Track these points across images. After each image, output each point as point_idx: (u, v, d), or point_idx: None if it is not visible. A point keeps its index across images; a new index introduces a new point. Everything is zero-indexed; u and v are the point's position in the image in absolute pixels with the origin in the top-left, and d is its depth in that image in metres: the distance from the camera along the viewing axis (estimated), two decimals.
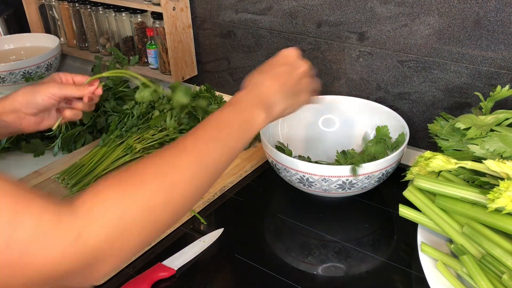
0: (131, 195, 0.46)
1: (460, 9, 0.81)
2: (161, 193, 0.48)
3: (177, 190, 0.49)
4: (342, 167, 0.76)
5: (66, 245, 0.41)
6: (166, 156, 0.51)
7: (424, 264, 0.65)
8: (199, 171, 0.52)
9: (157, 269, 0.71)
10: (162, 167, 0.49)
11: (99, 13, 1.34)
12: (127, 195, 0.46)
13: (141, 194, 0.46)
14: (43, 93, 0.74)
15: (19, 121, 0.75)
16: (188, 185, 0.51)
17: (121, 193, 0.46)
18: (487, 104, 0.76)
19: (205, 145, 0.54)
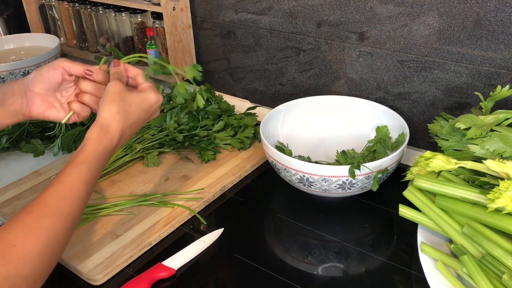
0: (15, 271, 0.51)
1: (460, 9, 0.81)
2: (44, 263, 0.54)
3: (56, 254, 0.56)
4: (342, 167, 0.76)
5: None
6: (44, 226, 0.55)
7: (424, 264, 0.65)
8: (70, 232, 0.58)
9: (157, 269, 0.71)
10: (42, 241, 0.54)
11: (99, 13, 1.34)
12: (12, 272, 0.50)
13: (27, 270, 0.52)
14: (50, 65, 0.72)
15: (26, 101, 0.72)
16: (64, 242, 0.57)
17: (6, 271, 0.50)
18: (487, 104, 0.76)
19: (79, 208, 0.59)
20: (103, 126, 0.64)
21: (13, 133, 1.03)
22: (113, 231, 0.79)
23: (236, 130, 1.02)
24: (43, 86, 0.71)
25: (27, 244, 0.52)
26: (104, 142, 0.63)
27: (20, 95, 0.71)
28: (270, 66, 1.12)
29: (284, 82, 1.11)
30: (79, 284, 0.72)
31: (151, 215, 0.82)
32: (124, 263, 0.74)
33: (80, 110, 0.73)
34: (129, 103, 0.67)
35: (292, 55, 1.06)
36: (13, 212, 0.84)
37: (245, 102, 1.20)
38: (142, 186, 0.90)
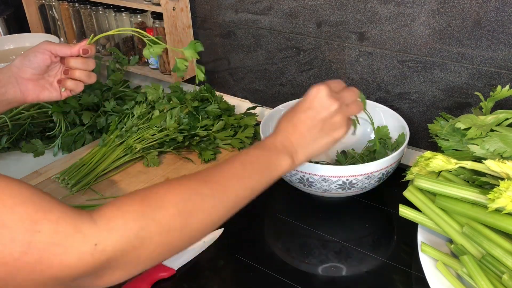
0: (151, 214, 0.48)
1: (460, 9, 0.81)
2: (179, 218, 0.50)
3: (194, 217, 0.51)
4: (342, 167, 0.76)
5: (83, 251, 0.42)
6: (190, 183, 0.53)
7: (424, 264, 0.65)
8: (219, 204, 0.54)
9: (157, 269, 0.71)
10: (184, 194, 0.51)
11: (99, 13, 1.34)
12: (147, 213, 0.47)
13: (161, 215, 0.48)
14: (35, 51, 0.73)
15: (18, 89, 0.74)
16: (206, 215, 0.52)
17: (142, 211, 0.47)
18: (487, 104, 0.76)
19: (228, 180, 0.56)
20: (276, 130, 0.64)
21: (13, 133, 1.03)
22: None
23: (236, 130, 1.02)
24: (33, 71, 0.73)
25: (167, 194, 0.50)
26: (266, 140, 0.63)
27: (12, 84, 0.72)
28: (270, 66, 1.12)
29: (284, 82, 1.11)
30: None
31: None
32: None
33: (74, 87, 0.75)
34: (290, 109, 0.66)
35: (292, 55, 1.06)
36: None
37: (245, 102, 1.20)
38: (142, 186, 0.90)
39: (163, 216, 0.48)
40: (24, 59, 0.73)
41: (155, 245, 0.48)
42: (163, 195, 0.50)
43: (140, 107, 1.02)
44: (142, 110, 1.02)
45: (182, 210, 0.50)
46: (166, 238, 0.48)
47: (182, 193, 0.51)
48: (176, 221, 0.49)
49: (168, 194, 0.50)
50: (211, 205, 0.53)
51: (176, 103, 1.02)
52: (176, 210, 0.49)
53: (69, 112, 1.05)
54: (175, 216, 0.49)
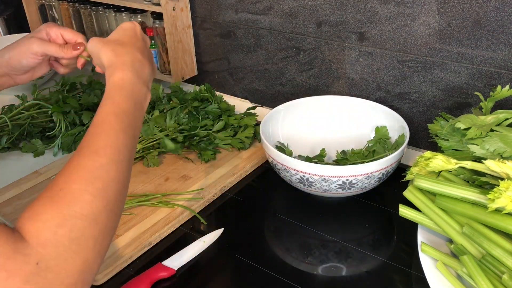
0: (69, 211, 0.46)
1: (460, 9, 0.81)
2: (97, 200, 0.48)
3: (110, 191, 0.50)
4: (342, 167, 0.76)
5: (27, 273, 0.40)
6: (84, 163, 0.51)
7: (424, 264, 0.65)
8: (120, 163, 0.54)
9: (157, 269, 0.71)
10: (86, 175, 0.50)
11: (99, 13, 1.34)
12: (65, 212, 0.46)
13: (78, 208, 0.47)
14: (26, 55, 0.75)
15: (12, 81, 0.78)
16: (117, 180, 0.52)
17: (59, 213, 0.46)
18: (487, 104, 0.76)
19: (116, 139, 0.55)
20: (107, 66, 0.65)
21: (13, 133, 1.03)
22: None
23: (236, 130, 1.02)
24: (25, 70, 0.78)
25: (70, 183, 0.48)
26: (115, 75, 0.63)
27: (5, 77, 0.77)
28: (270, 66, 1.12)
29: (284, 82, 1.11)
30: None
31: (151, 215, 0.82)
32: (124, 263, 0.74)
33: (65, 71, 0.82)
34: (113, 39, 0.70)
35: (292, 55, 1.06)
36: (13, 212, 0.84)
37: (245, 102, 1.20)
38: (142, 186, 0.90)
39: (81, 207, 0.47)
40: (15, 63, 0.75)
41: (92, 237, 0.46)
42: (68, 188, 0.48)
43: None
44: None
45: (94, 192, 0.49)
46: (96, 225, 0.47)
47: (85, 176, 0.50)
48: (96, 204, 0.48)
49: (72, 184, 0.49)
50: (114, 172, 0.52)
51: (176, 103, 1.02)
52: (90, 196, 0.48)
53: (69, 112, 1.05)
54: (92, 201, 0.48)
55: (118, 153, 0.54)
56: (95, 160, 0.52)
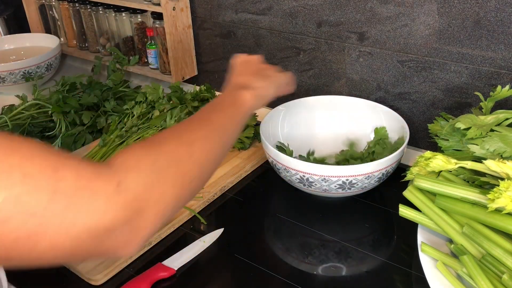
0: (157, 148, 0.51)
1: (460, 9, 0.81)
2: (182, 146, 0.53)
3: (195, 145, 0.55)
4: (342, 167, 0.76)
5: (108, 192, 0.42)
6: (180, 125, 0.58)
7: (424, 264, 0.65)
8: (210, 133, 0.59)
9: (157, 269, 0.71)
10: (178, 130, 0.57)
11: (99, 13, 1.34)
12: (153, 148, 0.51)
13: (166, 147, 0.52)
14: None
15: None
16: (205, 142, 0.57)
17: (148, 149, 0.50)
18: (487, 104, 0.76)
19: (211, 115, 0.62)
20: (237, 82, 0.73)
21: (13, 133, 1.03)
22: None
23: None
24: None
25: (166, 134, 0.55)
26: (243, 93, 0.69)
27: None
28: None
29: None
30: (79, 284, 0.72)
31: None
32: (124, 263, 0.74)
33: None
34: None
35: (292, 55, 1.06)
36: None
37: None
38: None
39: (169, 147, 0.52)
40: None
41: (171, 177, 0.50)
42: (162, 135, 0.54)
43: (140, 107, 1.02)
44: (142, 110, 1.02)
45: (181, 141, 0.54)
46: (178, 168, 0.51)
47: (177, 130, 0.57)
48: (180, 150, 0.53)
49: (166, 133, 0.55)
50: (204, 135, 0.58)
51: (176, 103, 1.02)
52: (178, 141, 0.54)
53: (69, 112, 1.05)
54: (178, 146, 0.53)
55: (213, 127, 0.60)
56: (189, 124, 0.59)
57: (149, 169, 0.47)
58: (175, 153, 0.52)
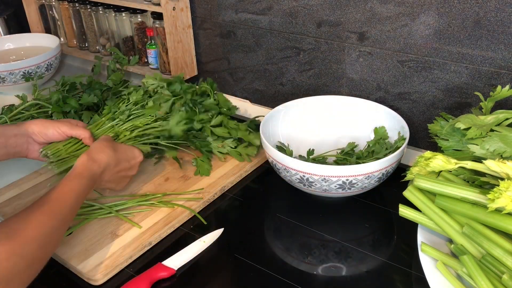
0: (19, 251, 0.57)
1: (460, 9, 0.81)
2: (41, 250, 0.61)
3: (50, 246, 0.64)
4: (342, 167, 0.76)
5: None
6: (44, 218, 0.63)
7: (424, 264, 0.65)
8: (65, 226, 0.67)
9: (157, 269, 0.71)
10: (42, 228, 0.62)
11: (99, 13, 1.34)
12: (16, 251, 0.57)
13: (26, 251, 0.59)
14: (55, 128, 0.87)
15: (26, 145, 0.86)
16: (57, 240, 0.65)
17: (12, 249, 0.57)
18: (487, 104, 0.76)
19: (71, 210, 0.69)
20: (91, 154, 0.77)
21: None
22: (113, 231, 0.79)
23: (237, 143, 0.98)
24: (45, 141, 0.87)
25: (28, 229, 0.59)
26: (91, 167, 0.75)
27: (22, 142, 0.85)
28: (270, 66, 1.12)
29: (284, 82, 1.11)
30: (79, 284, 0.72)
31: (151, 215, 0.82)
32: (124, 263, 0.74)
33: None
34: (117, 146, 0.83)
35: (292, 55, 1.06)
36: (13, 212, 0.84)
37: (245, 102, 1.20)
38: (142, 186, 0.90)
39: (29, 251, 0.58)
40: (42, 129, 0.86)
41: (22, 279, 0.57)
42: (26, 231, 0.59)
43: (137, 93, 1.01)
44: (139, 96, 1.00)
45: (42, 243, 0.60)
46: (31, 270, 0.59)
47: (41, 227, 0.61)
48: (39, 252, 0.60)
49: (30, 230, 0.60)
50: (57, 236, 0.65)
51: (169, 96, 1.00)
52: (38, 244, 0.60)
53: (69, 112, 1.05)
54: (38, 249, 0.59)
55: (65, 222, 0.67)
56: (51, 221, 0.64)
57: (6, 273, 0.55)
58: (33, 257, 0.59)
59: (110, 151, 0.80)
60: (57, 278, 0.73)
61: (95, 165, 0.76)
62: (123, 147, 0.84)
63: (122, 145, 0.84)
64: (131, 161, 0.84)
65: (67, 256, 0.74)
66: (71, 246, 0.76)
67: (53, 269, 0.74)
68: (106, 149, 0.80)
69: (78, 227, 0.79)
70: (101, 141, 0.82)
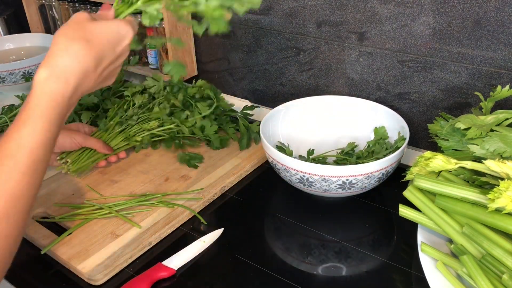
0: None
1: (460, 9, 0.81)
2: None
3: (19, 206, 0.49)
4: (342, 167, 0.76)
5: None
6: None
7: (424, 264, 0.65)
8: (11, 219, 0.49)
9: (157, 269, 0.71)
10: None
11: None
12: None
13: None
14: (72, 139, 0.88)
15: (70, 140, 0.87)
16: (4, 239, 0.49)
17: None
18: (487, 104, 0.76)
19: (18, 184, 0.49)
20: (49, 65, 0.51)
21: None
22: (113, 231, 0.79)
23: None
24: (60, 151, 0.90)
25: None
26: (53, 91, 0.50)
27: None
28: (270, 66, 1.12)
29: (284, 82, 1.11)
30: (79, 284, 0.72)
31: (151, 215, 0.82)
32: (124, 263, 0.74)
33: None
34: (90, 32, 0.53)
35: (292, 55, 1.06)
36: None
37: (245, 102, 1.20)
38: (142, 186, 0.90)
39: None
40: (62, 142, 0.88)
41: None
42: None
43: (142, 96, 1.03)
44: (144, 100, 1.02)
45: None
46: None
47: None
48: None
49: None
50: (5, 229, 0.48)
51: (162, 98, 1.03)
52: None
53: None
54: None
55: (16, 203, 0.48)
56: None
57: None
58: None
59: (81, 45, 0.52)
60: (57, 278, 0.73)
61: (58, 84, 0.50)
62: (101, 27, 0.55)
63: (97, 26, 0.55)
64: (116, 47, 0.57)
65: (67, 256, 0.74)
66: (71, 246, 0.76)
67: (53, 269, 0.74)
68: (74, 45, 0.51)
69: (78, 227, 0.79)
70: (65, 29, 0.52)
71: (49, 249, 0.76)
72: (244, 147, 1.00)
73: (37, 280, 0.73)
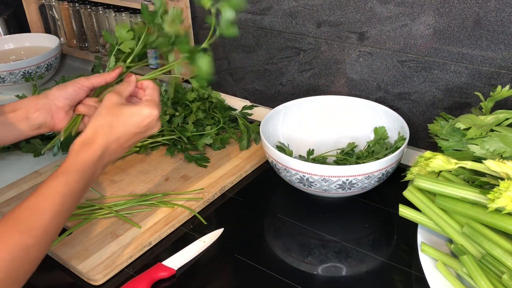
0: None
1: (460, 9, 0.81)
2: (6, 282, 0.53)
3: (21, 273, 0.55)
4: (342, 167, 0.76)
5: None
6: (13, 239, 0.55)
7: (424, 264, 0.65)
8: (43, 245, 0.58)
9: (157, 269, 0.71)
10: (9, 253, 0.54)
11: (99, 13, 1.34)
12: None
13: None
14: (73, 84, 0.78)
15: (51, 115, 0.77)
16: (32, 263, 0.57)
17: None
18: (487, 104, 0.76)
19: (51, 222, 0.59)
20: (84, 138, 0.65)
21: None
22: (113, 231, 0.79)
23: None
24: (68, 102, 0.77)
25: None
26: (83, 154, 0.64)
27: (45, 110, 0.76)
28: (270, 66, 1.12)
29: (284, 82, 1.11)
30: (79, 284, 0.72)
31: (151, 215, 0.82)
32: (124, 263, 0.74)
33: (87, 111, 0.78)
34: (117, 116, 0.67)
35: (292, 55, 1.06)
36: None
37: (245, 102, 1.20)
38: (142, 186, 0.90)
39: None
40: (61, 90, 0.78)
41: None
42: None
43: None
44: None
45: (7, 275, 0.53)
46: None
47: (7, 253, 0.53)
48: (5, 282, 0.52)
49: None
50: (35, 253, 0.56)
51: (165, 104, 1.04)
52: (3, 273, 0.52)
53: None
54: (4, 279, 0.52)
55: (47, 234, 0.58)
56: (24, 239, 0.55)
57: None
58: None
59: (105, 129, 0.67)
60: (57, 278, 0.73)
61: (87, 152, 0.64)
62: (125, 114, 0.69)
63: (124, 111, 0.69)
64: (140, 124, 0.69)
65: (67, 256, 0.74)
66: (71, 246, 0.76)
67: (53, 269, 0.74)
68: (101, 129, 0.67)
69: (78, 227, 0.79)
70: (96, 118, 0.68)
71: (49, 249, 0.76)
72: (244, 147, 1.00)
73: (37, 280, 0.73)
